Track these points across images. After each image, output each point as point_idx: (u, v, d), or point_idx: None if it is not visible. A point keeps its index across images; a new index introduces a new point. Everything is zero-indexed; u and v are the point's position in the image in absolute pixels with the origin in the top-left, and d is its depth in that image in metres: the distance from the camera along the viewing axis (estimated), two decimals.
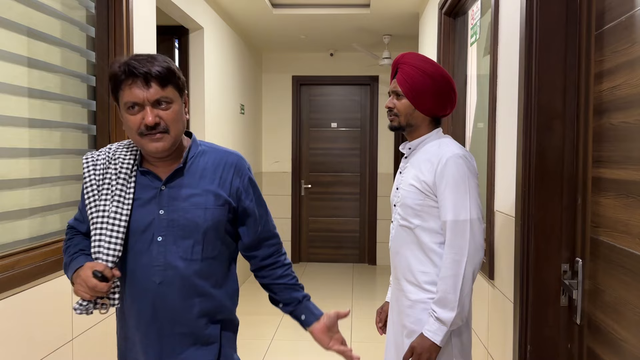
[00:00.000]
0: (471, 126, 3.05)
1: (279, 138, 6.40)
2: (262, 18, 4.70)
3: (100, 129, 2.53)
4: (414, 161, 1.75)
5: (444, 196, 1.63)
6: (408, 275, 1.73)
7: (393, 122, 1.79)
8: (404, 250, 1.74)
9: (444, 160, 1.64)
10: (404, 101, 1.74)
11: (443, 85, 1.70)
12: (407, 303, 1.73)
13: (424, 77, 1.69)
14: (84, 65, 2.47)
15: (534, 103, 1.58)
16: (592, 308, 1.46)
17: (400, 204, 1.75)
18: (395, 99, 1.76)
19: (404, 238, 1.74)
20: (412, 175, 1.72)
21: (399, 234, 1.76)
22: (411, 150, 1.79)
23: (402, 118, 1.75)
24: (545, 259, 1.60)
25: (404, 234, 1.74)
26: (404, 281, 1.75)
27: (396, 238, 1.78)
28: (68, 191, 2.33)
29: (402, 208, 1.74)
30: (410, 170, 1.74)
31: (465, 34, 3.08)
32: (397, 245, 1.77)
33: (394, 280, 1.83)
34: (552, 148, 1.57)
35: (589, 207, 1.48)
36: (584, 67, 1.51)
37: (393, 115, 1.77)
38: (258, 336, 3.96)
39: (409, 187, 1.71)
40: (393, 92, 1.76)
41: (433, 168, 1.66)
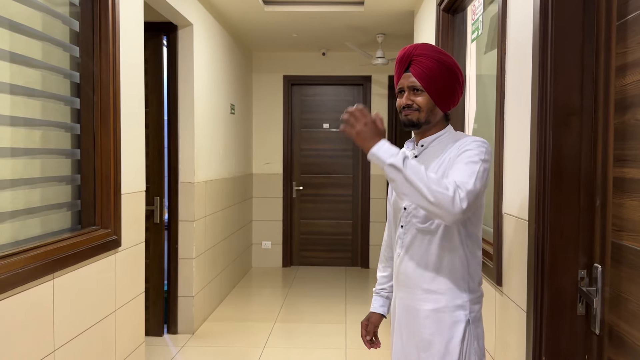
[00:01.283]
0: (470, 127, 2.96)
1: (270, 139, 6.28)
2: (253, 15, 4.58)
3: (85, 128, 2.40)
4: (428, 159, 1.61)
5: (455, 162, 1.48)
6: (427, 283, 1.59)
7: (411, 117, 1.59)
8: (424, 257, 1.60)
9: (463, 142, 1.53)
10: (425, 96, 1.57)
11: (459, 78, 1.60)
12: (424, 313, 1.59)
13: (444, 70, 1.56)
14: (67, 60, 2.34)
15: (549, 98, 1.48)
16: (613, 317, 1.36)
17: (415, 206, 1.60)
18: (413, 95, 1.58)
19: (424, 243, 1.59)
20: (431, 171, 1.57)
21: (417, 239, 1.61)
22: (424, 148, 1.65)
23: (424, 114, 1.58)
24: (561, 265, 1.50)
25: (424, 239, 1.59)
26: (419, 290, 1.61)
27: (413, 245, 1.63)
28: (49, 194, 2.20)
29: (420, 212, 1.59)
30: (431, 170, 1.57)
31: (465, 31, 2.99)
32: (415, 252, 1.62)
33: (404, 290, 1.66)
34: (569, 146, 1.47)
35: (610, 209, 1.39)
36: (602, 60, 1.41)
37: (413, 110, 1.59)
38: (250, 344, 3.83)
39: None
40: (409, 88, 1.58)
41: (453, 155, 1.53)
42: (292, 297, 5.05)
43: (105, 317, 2.38)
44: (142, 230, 2.78)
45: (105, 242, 2.37)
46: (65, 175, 2.33)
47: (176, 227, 3.88)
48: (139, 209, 2.74)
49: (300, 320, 4.37)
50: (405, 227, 1.64)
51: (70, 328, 2.10)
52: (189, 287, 3.92)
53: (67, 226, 2.34)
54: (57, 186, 2.26)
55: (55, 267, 1.98)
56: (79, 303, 2.16)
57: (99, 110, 2.40)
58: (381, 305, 1.86)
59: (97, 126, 2.40)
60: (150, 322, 3.81)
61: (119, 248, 2.50)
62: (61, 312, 2.03)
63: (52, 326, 1.97)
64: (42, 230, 2.14)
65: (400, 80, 1.62)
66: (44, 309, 1.92)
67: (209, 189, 4.31)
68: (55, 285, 1.99)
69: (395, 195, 1.70)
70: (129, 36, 2.62)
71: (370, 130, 1.44)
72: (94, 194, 2.41)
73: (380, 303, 1.86)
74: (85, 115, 2.41)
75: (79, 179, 2.40)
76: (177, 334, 3.91)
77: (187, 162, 3.88)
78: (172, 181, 3.87)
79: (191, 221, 3.90)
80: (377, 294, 1.88)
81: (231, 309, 4.66)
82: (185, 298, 3.93)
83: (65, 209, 2.34)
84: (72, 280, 2.11)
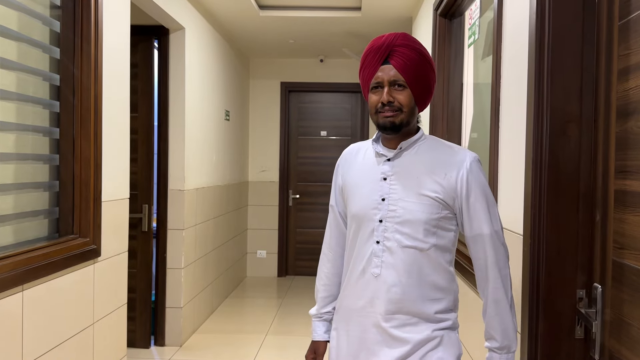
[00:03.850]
0: (467, 136, 2.86)
1: (266, 146, 6.19)
2: (248, 20, 4.50)
3: (64, 132, 2.30)
4: (408, 165, 1.44)
5: (476, 207, 1.40)
6: (417, 307, 1.41)
7: (394, 119, 1.40)
8: (412, 279, 1.40)
9: (467, 164, 1.41)
10: (407, 93, 1.40)
11: (435, 72, 1.48)
12: (406, 348, 1.40)
13: (425, 63, 1.41)
14: (47, 62, 2.25)
15: (545, 105, 1.38)
16: (614, 342, 1.25)
17: (401, 220, 1.41)
18: (394, 92, 1.40)
19: (412, 263, 1.40)
20: (418, 183, 1.41)
21: (403, 259, 1.41)
22: (401, 150, 1.46)
23: (406, 115, 1.41)
24: (558, 284, 1.39)
25: (411, 258, 1.40)
26: (402, 318, 1.41)
27: (397, 265, 1.41)
28: (25, 201, 2.10)
29: (408, 225, 1.40)
30: (410, 177, 1.42)
31: (462, 35, 2.90)
32: (400, 273, 1.40)
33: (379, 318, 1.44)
34: (567, 156, 1.37)
35: (611, 224, 1.28)
36: (603, 63, 1.31)
37: (395, 110, 1.40)
38: (239, 357, 3.71)
39: (420, 198, 1.40)
40: (390, 83, 1.39)
41: (455, 174, 1.40)
42: (285, 308, 4.93)
43: (82, 330, 2.27)
44: (124, 240, 2.68)
45: (83, 251, 2.26)
46: (43, 181, 2.24)
47: (165, 236, 3.77)
48: (121, 217, 2.63)
49: (293, 333, 4.25)
50: (383, 242, 1.43)
51: (42, 342, 1.99)
52: (177, 297, 3.81)
53: (43, 235, 2.24)
54: (33, 193, 2.17)
55: (26, 278, 1.88)
56: (52, 315, 2.05)
57: (79, 114, 2.31)
58: (325, 331, 1.63)
59: (77, 131, 2.31)
60: (137, 333, 3.69)
61: (98, 258, 2.40)
62: (31, 326, 1.92)
63: (21, 340, 1.86)
64: (15, 239, 2.04)
65: (376, 74, 1.41)
66: (11, 322, 1.81)
67: (200, 197, 4.21)
68: (25, 297, 1.89)
69: (360, 201, 1.48)
70: (112, 38, 2.53)
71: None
72: (73, 202, 2.31)
73: (324, 329, 1.63)
74: (65, 119, 2.31)
75: (57, 185, 2.30)
76: (165, 346, 3.79)
77: (177, 168, 3.78)
78: (162, 188, 3.77)
79: (180, 229, 3.79)
80: (321, 319, 1.63)
81: (222, 320, 4.54)
82: (173, 309, 3.81)
83: (42, 217, 2.24)
84: (45, 292, 2.01)
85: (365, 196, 1.47)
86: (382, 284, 1.42)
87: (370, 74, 1.43)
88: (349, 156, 1.60)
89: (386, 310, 1.42)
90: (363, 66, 1.45)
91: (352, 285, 1.50)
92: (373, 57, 1.42)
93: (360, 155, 1.55)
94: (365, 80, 1.45)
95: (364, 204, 1.46)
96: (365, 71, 1.44)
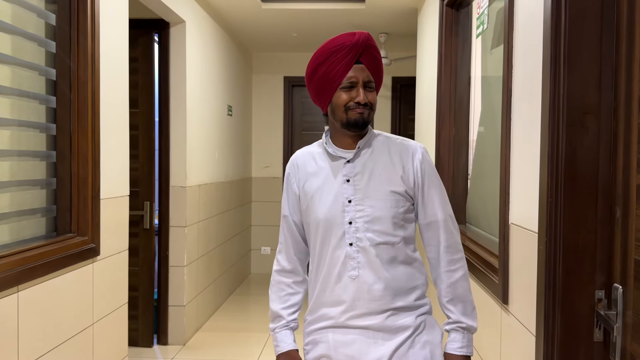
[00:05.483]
0: (475, 130, 2.78)
1: (269, 142, 6.12)
2: (250, 13, 4.42)
3: (61, 128, 2.24)
4: (369, 164, 1.46)
5: (430, 194, 1.48)
6: (399, 300, 1.45)
7: (365, 116, 1.43)
8: (389, 274, 1.43)
9: (419, 154, 1.48)
10: (374, 93, 1.46)
11: None
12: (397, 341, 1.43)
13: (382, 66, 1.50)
14: (43, 56, 2.19)
15: (562, 95, 1.31)
16: (636, 347, 1.18)
17: (371, 218, 1.43)
18: (367, 91, 1.43)
19: (387, 258, 1.43)
20: (382, 180, 1.44)
21: (378, 255, 1.43)
22: (359, 149, 1.47)
23: (373, 112, 1.46)
24: (576, 284, 1.32)
25: (385, 253, 1.43)
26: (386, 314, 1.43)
27: (374, 263, 1.42)
28: (21, 198, 2.04)
29: (378, 223, 1.43)
30: (372, 176, 1.45)
31: (470, 26, 2.81)
32: (378, 270, 1.43)
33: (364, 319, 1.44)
34: (585, 149, 1.29)
35: (632, 221, 1.20)
36: (624, 49, 1.23)
37: (367, 108, 1.43)
38: (243, 356, 3.66)
39: (385, 194, 1.44)
40: (365, 83, 1.42)
41: (410, 165, 1.47)
42: None
43: (81, 330, 2.22)
44: (124, 238, 2.62)
45: (81, 250, 2.20)
46: (40, 178, 2.18)
47: (167, 233, 3.71)
48: (121, 215, 2.57)
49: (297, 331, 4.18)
50: (356, 243, 1.43)
51: (39, 344, 1.94)
52: (180, 295, 3.75)
53: (41, 233, 2.18)
54: (30, 190, 2.11)
55: (20, 279, 1.82)
56: (49, 317, 2.00)
57: (76, 110, 2.25)
58: (293, 340, 1.56)
59: (74, 126, 2.25)
60: (140, 332, 3.64)
61: (97, 257, 2.34)
62: (27, 327, 1.87)
63: (16, 342, 1.81)
64: (11, 238, 1.99)
65: (351, 73, 1.41)
66: (5, 323, 1.76)
67: (203, 193, 4.15)
68: (20, 298, 1.83)
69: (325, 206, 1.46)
70: (110, 31, 2.47)
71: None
72: (70, 199, 2.25)
73: (292, 337, 1.56)
74: (62, 114, 2.25)
75: (55, 182, 2.24)
76: (168, 345, 3.74)
77: (178, 165, 3.72)
78: (163, 185, 3.71)
79: (183, 227, 3.73)
80: (287, 327, 1.56)
81: (226, 318, 4.48)
82: (176, 307, 3.76)
83: (39, 215, 2.18)
84: (41, 293, 1.95)
85: (331, 200, 1.46)
86: (362, 285, 1.43)
87: (341, 72, 1.41)
88: (301, 163, 1.55)
89: (369, 310, 1.43)
90: (328, 62, 1.42)
91: (329, 293, 1.48)
92: (345, 55, 1.41)
93: (312, 161, 1.53)
94: (333, 78, 1.42)
95: (330, 208, 1.46)
96: (332, 67, 1.41)
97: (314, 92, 1.48)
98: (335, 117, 1.45)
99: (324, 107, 1.48)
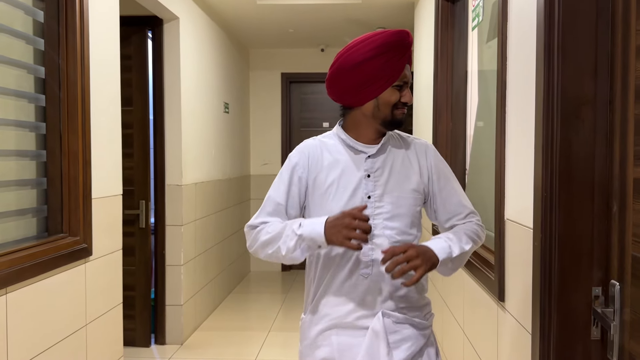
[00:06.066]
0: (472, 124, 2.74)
1: (268, 139, 6.08)
2: (245, 9, 4.38)
3: (51, 126, 2.21)
4: (389, 160, 1.43)
5: (450, 188, 1.48)
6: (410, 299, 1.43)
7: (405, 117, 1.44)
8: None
9: (431, 150, 1.48)
10: None
11: None
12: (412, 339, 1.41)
13: None
14: (31, 54, 2.15)
15: (556, 86, 1.27)
16: (635, 345, 1.14)
17: (390, 215, 1.40)
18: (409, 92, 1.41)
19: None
20: (402, 177, 1.42)
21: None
22: (383, 145, 1.44)
23: None
24: (572, 281, 1.28)
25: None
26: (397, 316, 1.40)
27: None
28: (11, 199, 2.01)
29: (397, 220, 1.40)
30: (393, 172, 1.42)
31: (466, 19, 2.77)
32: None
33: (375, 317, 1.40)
34: (580, 142, 1.25)
35: (629, 216, 1.17)
36: (620, 38, 1.19)
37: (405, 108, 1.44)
38: (241, 355, 3.63)
39: (407, 192, 1.41)
40: (407, 84, 1.40)
41: (424, 162, 1.46)
42: (289, 303, 4.85)
43: (74, 332, 2.19)
44: (118, 238, 2.59)
45: (73, 251, 2.17)
46: (30, 178, 2.15)
47: (163, 232, 3.68)
48: (113, 214, 2.54)
49: (296, 329, 4.15)
50: (372, 241, 1.39)
51: (29, 346, 1.91)
52: (177, 295, 3.72)
53: (32, 234, 2.15)
54: (20, 190, 2.08)
55: (9, 281, 1.79)
56: (40, 318, 1.97)
57: (65, 108, 2.21)
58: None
59: (64, 125, 2.22)
60: (137, 332, 3.62)
61: (89, 257, 2.31)
62: (17, 329, 1.84)
63: (5, 344, 1.78)
64: (1, 239, 1.96)
65: (405, 72, 1.39)
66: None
67: (200, 192, 4.12)
68: (9, 300, 1.80)
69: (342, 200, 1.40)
70: (100, 28, 2.43)
71: (423, 251, 1.31)
72: (61, 199, 2.22)
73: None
74: (52, 113, 2.22)
75: (45, 182, 2.21)
76: (165, 345, 3.72)
77: (174, 163, 3.68)
78: (159, 183, 3.68)
79: (179, 225, 3.70)
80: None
81: (225, 316, 4.46)
82: (174, 307, 3.73)
83: (30, 215, 2.15)
84: (31, 294, 1.92)
85: (348, 195, 1.41)
86: (374, 283, 1.39)
87: (399, 69, 1.36)
88: (312, 153, 1.47)
89: (379, 309, 1.39)
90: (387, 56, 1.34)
91: (335, 291, 1.42)
92: (404, 52, 1.36)
93: (326, 153, 1.46)
94: (389, 73, 1.35)
95: (348, 203, 1.40)
96: (390, 63, 1.34)
97: (357, 82, 1.37)
98: (377, 114, 1.39)
99: (362, 101, 1.40)
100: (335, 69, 1.40)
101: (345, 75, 1.37)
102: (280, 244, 1.36)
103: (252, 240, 1.45)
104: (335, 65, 1.40)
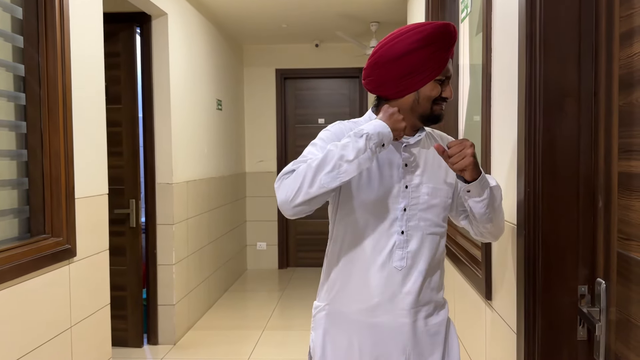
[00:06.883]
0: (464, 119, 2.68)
1: (262, 136, 6.03)
2: (236, 4, 4.32)
3: (32, 125, 2.17)
4: (425, 151, 1.39)
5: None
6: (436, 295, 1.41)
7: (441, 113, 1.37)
8: (432, 268, 1.38)
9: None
10: None
11: None
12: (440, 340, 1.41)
13: None
14: (10, 51, 2.11)
15: (538, 77, 1.22)
16: (620, 346, 1.10)
17: (427, 206, 1.36)
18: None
19: (433, 250, 1.38)
20: (437, 169, 1.39)
21: (427, 247, 1.36)
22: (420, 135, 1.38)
23: None
24: (557, 279, 1.24)
25: (433, 245, 1.38)
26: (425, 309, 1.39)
27: (423, 254, 1.36)
28: None
29: (431, 212, 1.36)
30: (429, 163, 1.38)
31: (456, 11, 2.72)
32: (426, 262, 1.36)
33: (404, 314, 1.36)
34: (564, 135, 1.21)
35: (615, 212, 1.12)
36: (604, 26, 1.14)
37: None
38: (234, 355, 3.59)
39: (440, 183, 1.38)
40: (448, 79, 1.34)
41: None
42: (285, 302, 4.81)
43: (58, 334, 2.15)
44: (104, 238, 2.55)
45: (55, 252, 2.13)
46: (11, 178, 2.10)
47: (154, 231, 3.64)
48: (99, 214, 2.50)
49: (291, 328, 4.12)
50: (407, 232, 1.35)
51: (9, 349, 1.87)
52: (169, 295, 3.68)
53: (14, 235, 2.11)
54: (1, 191, 2.03)
55: None
56: (20, 321, 1.93)
57: (46, 106, 2.17)
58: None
59: (44, 124, 2.17)
60: (129, 332, 3.58)
61: (73, 258, 2.27)
62: None
63: None
64: None
65: (447, 66, 1.31)
66: None
67: (192, 190, 4.07)
68: None
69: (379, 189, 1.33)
70: (82, 24, 2.38)
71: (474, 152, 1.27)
72: (43, 199, 2.18)
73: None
74: (32, 112, 2.17)
75: (27, 182, 2.17)
76: (158, 345, 3.68)
77: (164, 161, 3.64)
78: (149, 182, 3.63)
79: (170, 224, 3.65)
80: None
81: (219, 315, 4.42)
82: (166, 306, 3.70)
83: (11, 216, 2.11)
84: (11, 296, 1.88)
85: (385, 184, 1.35)
86: (406, 277, 1.35)
87: (444, 62, 1.30)
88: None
89: (412, 304, 1.35)
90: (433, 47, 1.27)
91: (362, 283, 1.36)
92: (450, 45, 1.30)
93: None
94: (435, 65, 1.29)
95: (384, 192, 1.34)
96: (437, 55, 1.28)
97: (399, 73, 1.30)
98: (416, 107, 1.33)
99: (402, 93, 1.32)
100: (375, 59, 1.32)
101: (387, 66, 1.30)
102: (344, 152, 1.22)
103: (295, 180, 1.25)
104: (376, 55, 1.32)
